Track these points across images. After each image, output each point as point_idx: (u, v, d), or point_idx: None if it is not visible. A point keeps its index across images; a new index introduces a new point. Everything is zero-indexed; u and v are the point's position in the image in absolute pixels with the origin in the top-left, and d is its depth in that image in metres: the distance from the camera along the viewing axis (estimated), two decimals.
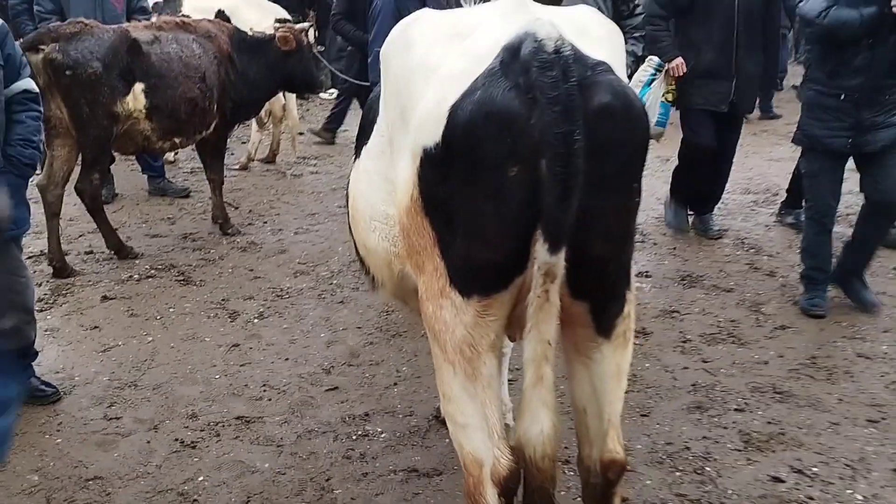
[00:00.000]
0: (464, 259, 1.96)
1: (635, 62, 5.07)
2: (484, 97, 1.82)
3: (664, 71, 5.50)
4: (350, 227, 2.73)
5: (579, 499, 2.48)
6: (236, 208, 6.66)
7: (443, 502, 3.05)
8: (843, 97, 4.45)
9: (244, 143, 8.40)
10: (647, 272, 5.47)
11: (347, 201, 2.69)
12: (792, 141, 4.93)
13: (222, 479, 3.21)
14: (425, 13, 2.31)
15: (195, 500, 3.09)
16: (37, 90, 3.66)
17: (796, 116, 4.93)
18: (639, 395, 3.86)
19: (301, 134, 9.11)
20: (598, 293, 2.05)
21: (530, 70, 1.78)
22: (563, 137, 1.75)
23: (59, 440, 3.49)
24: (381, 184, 2.30)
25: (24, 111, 3.54)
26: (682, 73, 5.46)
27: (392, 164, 2.18)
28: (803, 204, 5.52)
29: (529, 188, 1.81)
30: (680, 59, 5.44)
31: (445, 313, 2.04)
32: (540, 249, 1.83)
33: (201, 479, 3.22)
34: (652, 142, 5.69)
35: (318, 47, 10.54)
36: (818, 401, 3.80)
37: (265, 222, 6.46)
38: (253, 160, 8.21)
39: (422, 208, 2.01)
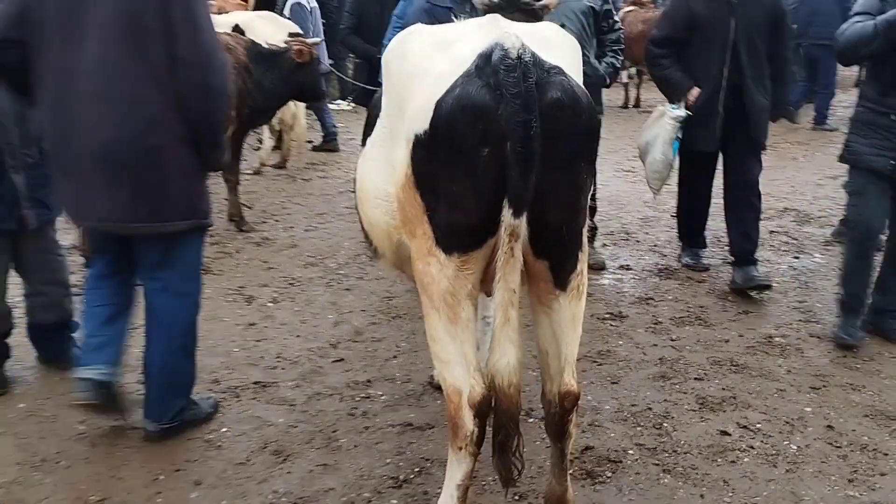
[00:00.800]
0: (446, 224, 2.46)
1: (615, 72, 5.54)
2: (462, 93, 2.32)
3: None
4: (357, 207, 3.23)
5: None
6: (250, 208, 7.15)
7: (433, 450, 3.52)
8: (893, 116, 4.30)
9: (256, 149, 8.91)
10: (628, 265, 5.96)
11: (355, 184, 3.18)
12: (838, 159, 4.70)
13: (242, 431, 3.70)
14: (419, 27, 2.82)
15: (219, 446, 3.57)
16: None
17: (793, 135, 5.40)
18: (611, 367, 4.34)
19: (309, 142, 9.65)
20: (555, 253, 2.54)
21: (498, 72, 2.29)
22: (523, 125, 2.26)
23: None
24: (383, 167, 2.80)
25: None
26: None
27: (392, 149, 2.68)
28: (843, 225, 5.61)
29: (498, 165, 2.31)
30: (697, 90, 5.23)
31: (432, 269, 2.53)
32: (506, 214, 2.33)
33: (224, 430, 3.71)
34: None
35: (329, 61, 11.12)
36: (769, 371, 4.29)
37: (277, 221, 6.97)
38: (265, 165, 8.73)
39: (414, 184, 2.51)
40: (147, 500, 3.19)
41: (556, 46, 2.60)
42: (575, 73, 2.57)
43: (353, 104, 11.33)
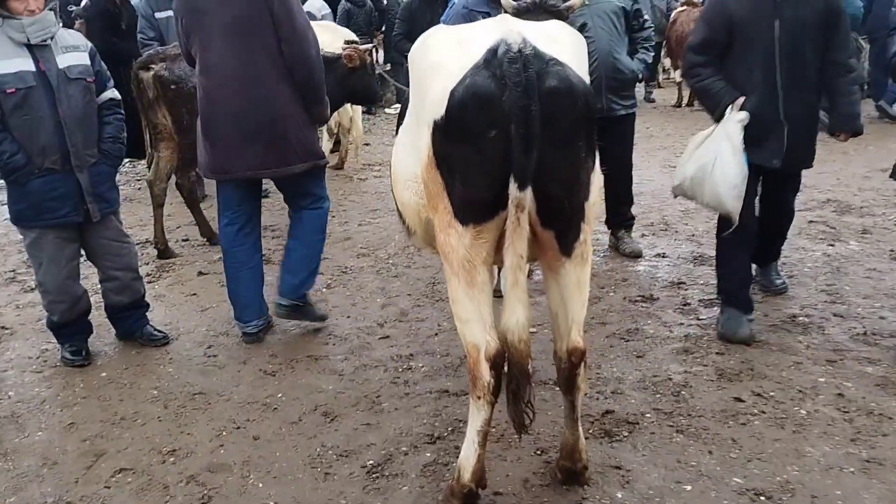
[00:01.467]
0: (462, 198, 2.82)
1: (646, 68, 5.81)
2: (471, 83, 2.69)
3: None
4: (391, 189, 3.62)
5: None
6: None
7: (466, 413, 3.80)
8: None
9: None
10: (664, 253, 6.22)
11: (390, 169, 3.57)
12: (890, 175, 4.65)
13: (296, 396, 4.12)
14: (439, 27, 3.19)
15: (276, 409, 4.00)
16: (119, 97, 4.60)
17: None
18: (637, 343, 4.63)
19: (367, 144, 10.11)
20: (559, 223, 2.88)
21: (503, 64, 2.65)
22: (524, 109, 2.61)
23: (170, 369, 4.46)
24: (411, 152, 3.17)
25: (111, 115, 4.48)
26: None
27: (417, 135, 3.05)
28: None
29: (503, 145, 2.66)
30: (742, 97, 4.44)
31: (452, 239, 2.90)
32: (512, 188, 2.68)
33: (280, 395, 4.13)
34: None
35: (386, 66, 11.58)
36: (788, 347, 4.52)
37: (333, 216, 7.37)
38: None
39: (434, 164, 2.87)
40: (211, 451, 3.63)
41: (561, 41, 2.94)
42: (577, 64, 2.90)
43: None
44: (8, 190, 4.26)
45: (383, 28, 13.10)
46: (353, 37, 8.83)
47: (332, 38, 8.45)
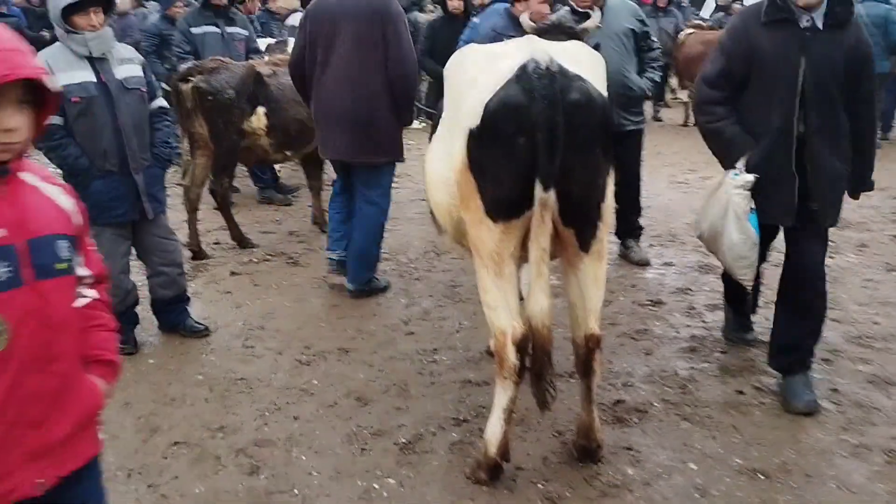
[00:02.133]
0: (493, 198, 3.17)
1: (655, 86, 6.16)
2: (504, 95, 3.04)
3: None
4: (426, 191, 3.98)
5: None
6: None
7: (488, 400, 4.11)
8: None
9: None
10: (671, 262, 6.55)
11: (425, 175, 3.91)
12: None
13: (330, 383, 4.46)
14: (472, 46, 3.56)
15: (312, 394, 4.33)
16: (168, 106, 5.02)
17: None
18: (646, 342, 4.96)
19: None
20: (579, 222, 3.22)
21: (532, 79, 3.00)
22: (550, 120, 2.96)
23: (212, 357, 4.80)
24: (444, 157, 3.51)
25: (161, 122, 4.86)
26: None
27: (451, 142, 3.40)
28: None
29: (531, 151, 3.01)
30: (747, 154, 4.03)
31: (483, 234, 3.24)
32: (538, 189, 3.03)
33: (315, 381, 4.47)
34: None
35: None
36: None
37: None
38: None
39: (468, 167, 3.22)
40: (256, 429, 3.97)
41: (582, 60, 3.30)
42: (596, 80, 3.25)
43: (423, 122, 12.16)
44: None
45: None
46: None
47: None
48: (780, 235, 4.32)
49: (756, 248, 4.12)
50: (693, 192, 8.93)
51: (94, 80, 4.47)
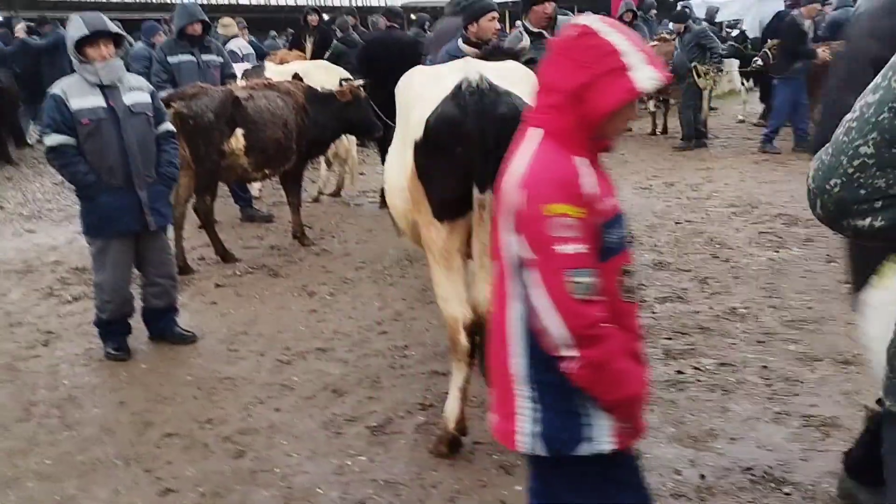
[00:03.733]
0: (438, 201, 3.62)
1: None
2: (441, 111, 3.50)
3: None
4: (386, 198, 4.42)
5: None
6: (310, 227, 8.40)
7: None
8: None
9: (314, 181, 10.20)
10: None
11: (384, 182, 4.35)
12: None
13: (308, 378, 4.88)
14: (420, 68, 4.02)
15: (292, 388, 4.75)
16: (175, 130, 5.53)
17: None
18: None
19: (362, 174, 10.94)
20: None
21: (465, 96, 3.46)
22: (481, 131, 3.42)
23: (200, 360, 5.22)
24: (399, 167, 3.95)
25: (168, 144, 5.36)
26: None
27: (403, 153, 3.84)
28: None
29: (467, 159, 3.46)
30: None
31: (432, 233, 3.68)
32: (475, 191, 3.48)
33: (295, 378, 4.90)
34: None
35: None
36: (727, 332, 5.30)
37: (333, 236, 8.21)
38: (323, 194, 10.03)
39: (417, 175, 3.66)
40: (241, 420, 4.39)
41: (514, 77, 3.76)
42: (527, 94, 3.69)
43: None
44: (82, 205, 5.13)
45: None
46: (347, 75, 9.70)
47: (326, 76, 9.30)
48: None
49: None
50: (655, 196, 9.45)
51: (104, 104, 4.97)
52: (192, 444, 4.16)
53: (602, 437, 2.17)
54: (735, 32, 18.62)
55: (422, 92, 3.72)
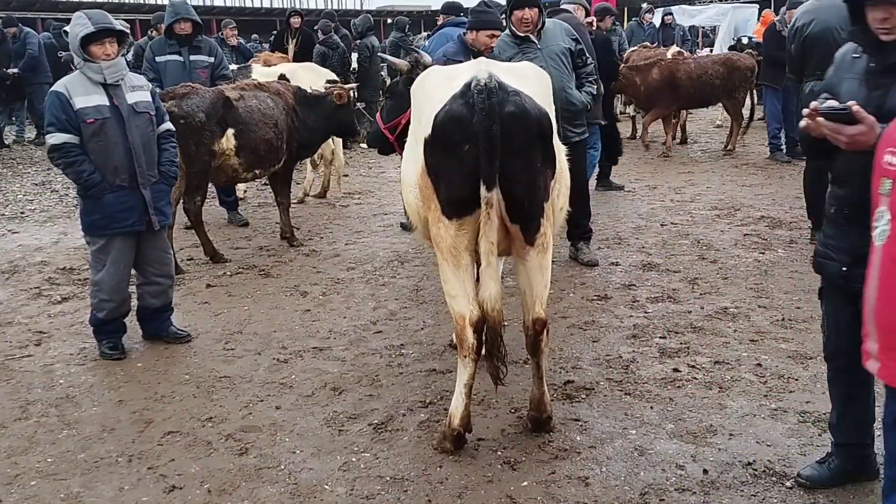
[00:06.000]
0: (446, 198, 3.65)
1: (592, 98, 6.70)
2: (449, 109, 3.54)
3: None
4: (402, 194, 4.44)
5: None
6: (297, 229, 8.39)
7: (451, 386, 4.60)
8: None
9: (299, 183, 10.18)
10: (617, 262, 7.07)
11: (401, 178, 4.36)
12: None
13: (307, 377, 4.88)
14: (435, 68, 4.05)
15: (291, 387, 4.75)
16: (174, 129, 5.51)
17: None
18: (593, 332, 5.46)
19: (345, 176, 10.94)
20: (523, 219, 3.70)
21: (472, 95, 3.49)
22: (488, 129, 3.45)
23: (196, 359, 5.20)
24: (413, 164, 3.97)
25: (168, 143, 5.36)
26: None
27: (416, 151, 3.86)
28: None
29: (474, 156, 3.50)
30: None
31: (441, 230, 3.71)
32: (482, 189, 3.51)
33: (293, 377, 4.89)
34: None
35: (360, 104, 12.44)
36: (719, 331, 5.38)
37: (322, 238, 8.21)
38: (308, 195, 10.02)
39: (427, 172, 3.70)
40: (242, 417, 4.38)
41: (528, 77, 3.82)
42: (539, 94, 3.76)
43: None
44: (83, 204, 5.08)
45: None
46: (334, 76, 9.73)
47: (313, 77, 9.30)
48: None
49: None
50: (639, 199, 9.54)
51: (108, 103, 4.95)
52: (194, 441, 4.14)
53: None
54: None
55: (434, 91, 3.75)
